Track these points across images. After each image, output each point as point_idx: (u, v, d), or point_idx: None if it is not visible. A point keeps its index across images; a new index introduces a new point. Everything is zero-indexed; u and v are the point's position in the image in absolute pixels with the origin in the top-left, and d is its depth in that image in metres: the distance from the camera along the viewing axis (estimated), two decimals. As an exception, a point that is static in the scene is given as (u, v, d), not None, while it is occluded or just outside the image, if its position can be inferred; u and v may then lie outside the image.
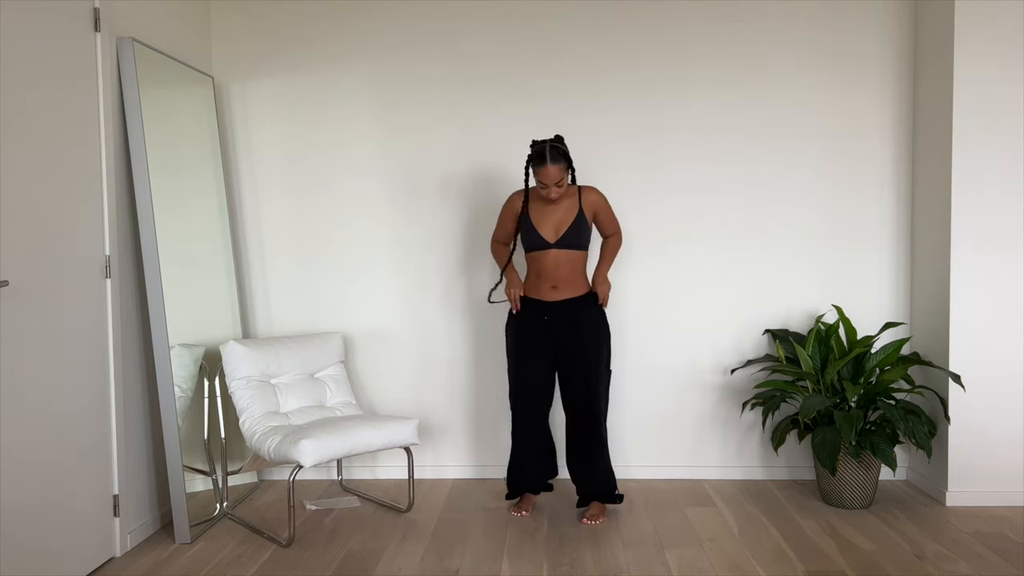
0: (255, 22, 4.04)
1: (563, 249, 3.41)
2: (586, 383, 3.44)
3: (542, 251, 3.43)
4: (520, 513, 3.54)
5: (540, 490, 3.66)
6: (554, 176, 3.30)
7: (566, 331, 3.45)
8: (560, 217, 3.42)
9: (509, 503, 3.70)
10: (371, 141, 4.06)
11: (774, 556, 3.09)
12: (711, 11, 3.95)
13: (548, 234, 3.42)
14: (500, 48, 4.00)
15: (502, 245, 3.61)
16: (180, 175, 3.57)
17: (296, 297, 4.11)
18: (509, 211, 3.52)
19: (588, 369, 3.43)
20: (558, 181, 3.31)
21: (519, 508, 3.56)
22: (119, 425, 3.12)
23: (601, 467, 3.51)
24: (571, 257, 3.43)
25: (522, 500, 3.61)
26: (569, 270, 3.44)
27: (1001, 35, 3.55)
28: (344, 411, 3.68)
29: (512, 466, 3.61)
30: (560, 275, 3.43)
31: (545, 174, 3.30)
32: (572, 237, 3.40)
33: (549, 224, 3.42)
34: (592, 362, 3.44)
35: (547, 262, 3.43)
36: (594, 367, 3.45)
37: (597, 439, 3.49)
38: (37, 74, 2.72)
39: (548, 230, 3.42)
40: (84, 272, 2.96)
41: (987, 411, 3.64)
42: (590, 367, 3.44)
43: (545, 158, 3.29)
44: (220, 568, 3.02)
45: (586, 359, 3.43)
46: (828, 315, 4.00)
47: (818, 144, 3.98)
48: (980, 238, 3.61)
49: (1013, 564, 3.00)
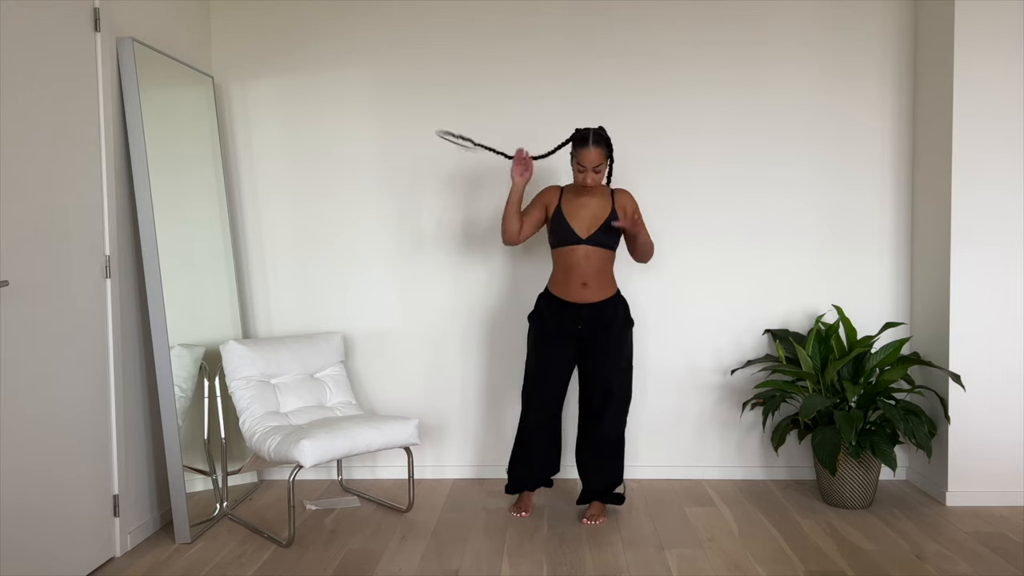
0: (255, 22, 4.04)
1: (593, 246, 3.39)
2: (614, 383, 3.44)
3: (572, 247, 3.40)
4: (520, 514, 3.54)
5: (540, 486, 3.66)
6: (594, 159, 3.29)
7: (595, 334, 3.43)
8: (592, 213, 3.40)
9: (509, 504, 3.70)
10: (371, 141, 4.06)
11: (774, 556, 3.09)
12: (711, 12, 3.95)
13: (580, 229, 3.39)
14: (501, 48, 4.00)
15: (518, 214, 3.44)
16: (180, 175, 3.57)
17: (296, 297, 4.11)
18: (540, 201, 3.46)
19: (615, 369, 3.44)
20: (596, 166, 3.30)
21: (519, 508, 3.56)
22: (119, 425, 3.12)
23: (613, 464, 3.52)
24: (600, 255, 3.40)
25: (521, 500, 3.60)
26: (598, 267, 3.40)
27: (1001, 35, 3.55)
28: (344, 411, 3.68)
29: (517, 461, 3.60)
30: (590, 272, 3.39)
31: (586, 156, 3.29)
32: (603, 235, 3.39)
33: (582, 220, 3.40)
34: (621, 364, 3.46)
35: (576, 258, 3.39)
36: (624, 367, 3.47)
37: (619, 436, 3.52)
38: (37, 74, 2.72)
39: (580, 225, 3.39)
40: (84, 272, 2.96)
41: (987, 411, 3.64)
42: (618, 368, 3.45)
43: (588, 140, 3.29)
44: (220, 568, 3.02)
45: (615, 362, 3.44)
46: (828, 315, 4.00)
47: (818, 144, 3.98)
48: (980, 238, 3.61)
49: (1013, 564, 3.01)
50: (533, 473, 3.60)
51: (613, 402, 3.46)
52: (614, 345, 3.43)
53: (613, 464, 3.52)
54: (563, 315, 3.44)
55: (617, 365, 3.44)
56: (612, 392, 3.44)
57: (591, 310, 3.42)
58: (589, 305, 3.41)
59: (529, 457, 3.58)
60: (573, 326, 3.43)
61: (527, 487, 3.62)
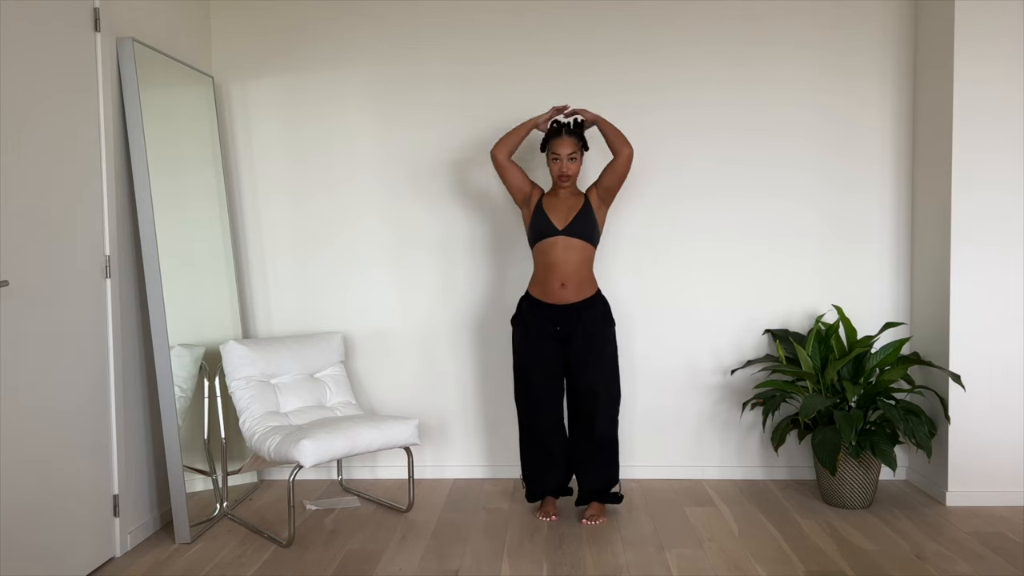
0: (255, 22, 4.04)
1: (572, 238, 3.41)
2: (598, 385, 3.45)
3: (551, 240, 3.42)
4: (549, 518, 3.51)
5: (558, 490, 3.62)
6: (568, 146, 3.40)
7: (574, 335, 3.44)
8: (568, 206, 3.46)
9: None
10: (371, 140, 4.06)
11: (774, 556, 3.09)
12: (711, 11, 3.95)
13: (558, 220, 3.43)
14: (500, 48, 4.00)
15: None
16: (180, 175, 3.57)
17: (296, 297, 4.11)
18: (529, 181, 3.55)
19: (597, 371, 3.45)
20: (571, 153, 3.39)
21: (546, 513, 3.52)
22: (119, 425, 3.12)
23: (607, 463, 3.52)
24: (580, 249, 3.43)
25: (544, 505, 3.58)
26: (577, 265, 3.42)
27: (1001, 35, 3.55)
28: (344, 411, 3.68)
29: (527, 468, 3.59)
30: (568, 270, 3.41)
31: (560, 144, 3.41)
32: (580, 225, 3.41)
33: (559, 212, 3.45)
34: (603, 367, 3.46)
35: (556, 253, 3.42)
36: (607, 367, 3.47)
37: (611, 437, 3.52)
38: (37, 74, 2.72)
39: (558, 217, 3.44)
40: (84, 272, 2.96)
41: (987, 411, 3.64)
42: (600, 370, 3.45)
43: (561, 130, 3.42)
44: (220, 568, 3.02)
45: (597, 363, 3.45)
46: (828, 315, 4.00)
47: (818, 144, 3.98)
48: (980, 238, 3.61)
49: (1013, 564, 3.01)
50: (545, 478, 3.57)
51: (600, 404, 3.46)
52: (595, 346, 3.44)
53: (608, 464, 3.52)
54: (543, 317, 3.46)
55: (599, 367, 3.44)
56: (598, 394, 3.45)
57: (569, 311, 3.43)
58: (567, 306, 3.43)
59: (537, 463, 3.57)
60: (552, 328, 3.45)
61: (546, 494, 3.59)
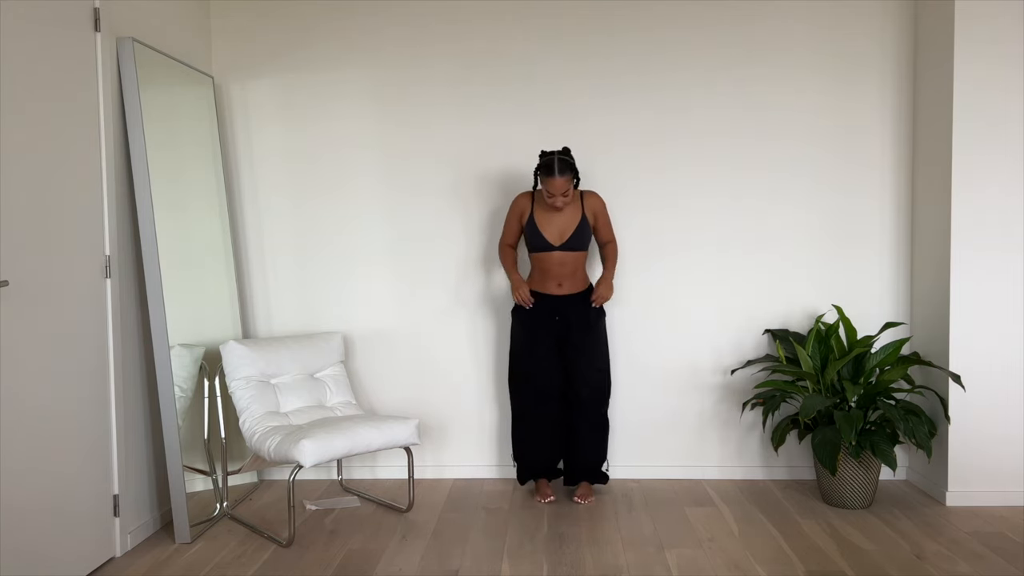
0: (255, 22, 4.04)
1: (567, 251, 3.61)
2: (596, 367, 3.68)
3: (547, 252, 3.61)
4: (545, 499, 3.67)
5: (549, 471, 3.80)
6: (561, 187, 3.48)
7: (573, 322, 3.66)
8: (564, 222, 3.61)
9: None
10: (371, 141, 4.06)
11: (774, 556, 3.09)
12: (710, 13, 3.95)
13: (553, 238, 3.61)
14: (501, 48, 4.00)
15: (510, 248, 3.77)
16: (180, 175, 3.57)
17: (296, 297, 4.11)
18: (515, 213, 3.71)
19: (595, 354, 3.67)
20: (564, 191, 3.49)
21: (541, 495, 3.69)
22: (119, 425, 3.12)
23: (596, 443, 3.71)
24: (574, 257, 3.64)
25: (539, 487, 3.75)
26: (572, 269, 3.67)
27: (1001, 36, 3.55)
28: (344, 411, 3.68)
29: (523, 453, 3.76)
30: (564, 273, 3.66)
31: (552, 184, 3.48)
32: (575, 241, 3.61)
33: (554, 228, 3.62)
34: (600, 347, 3.69)
35: (552, 263, 3.63)
36: (602, 351, 3.70)
37: (603, 418, 3.74)
38: (37, 74, 2.72)
39: (553, 234, 3.61)
40: (84, 272, 2.96)
41: (987, 411, 3.64)
42: (596, 353, 3.67)
43: (553, 170, 3.47)
44: (220, 568, 3.02)
45: (591, 360, 3.67)
46: (828, 315, 4.00)
47: (818, 145, 3.98)
48: (980, 238, 3.61)
49: (1013, 564, 3.01)
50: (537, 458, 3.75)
51: (593, 386, 3.70)
52: (589, 340, 3.66)
53: (597, 444, 3.72)
54: (540, 305, 3.68)
55: (593, 352, 3.68)
56: (591, 377, 3.69)
57: (565, 301, 3.67)
58: (563, 297, 3.67)
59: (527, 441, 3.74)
60: (550, 317, 3.64)
61: (538, 474, 3.77)
